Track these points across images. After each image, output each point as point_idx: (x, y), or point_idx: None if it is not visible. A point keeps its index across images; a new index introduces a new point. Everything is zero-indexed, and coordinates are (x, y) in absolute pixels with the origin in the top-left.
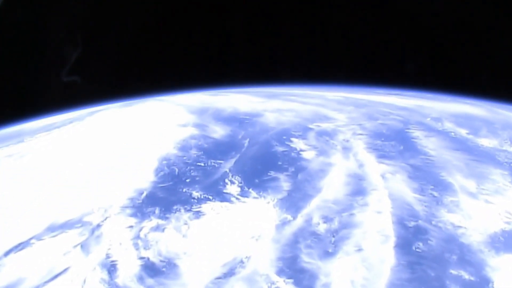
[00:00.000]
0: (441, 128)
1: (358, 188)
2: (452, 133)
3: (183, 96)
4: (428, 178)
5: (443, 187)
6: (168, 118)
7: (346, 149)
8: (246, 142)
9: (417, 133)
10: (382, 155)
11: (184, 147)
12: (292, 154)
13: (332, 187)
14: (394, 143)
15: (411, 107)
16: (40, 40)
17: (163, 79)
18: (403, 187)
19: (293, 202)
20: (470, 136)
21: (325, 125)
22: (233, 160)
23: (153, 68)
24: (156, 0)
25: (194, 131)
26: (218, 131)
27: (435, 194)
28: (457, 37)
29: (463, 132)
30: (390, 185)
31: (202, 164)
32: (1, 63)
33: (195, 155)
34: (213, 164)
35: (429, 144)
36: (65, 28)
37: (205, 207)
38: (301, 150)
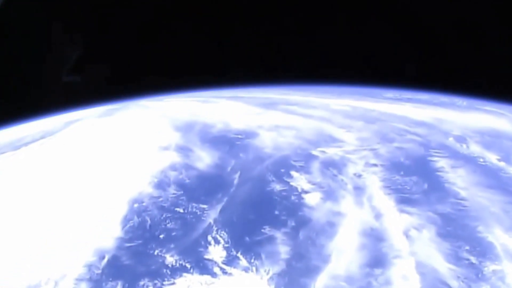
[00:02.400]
0: (467, 152)
1: (376, 255)
2: (481, 160)
3: (174, 100)
4: (462, 235)
5: (482, 248)
6: (149, 136)
7: (359, 190)
8: (236, 177)
9: (441, 162)
10: (403, 199)
11: (161, 183)
12: (292, 197)
13: (343, 254)
14: (416, 178)
15: (428, 121)
16: (40, 40)
17: (160, 79)
18: (432, 251)
19: (293, 279)
20: (502, 164)
21: (331, 151)
22: (219, 207)
23: (151, 68)
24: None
25: (176, 157)
26: (204, 158)
27: (473, 260)
28: (457, 36)
29: (493, 158)
30: (416, 249)
31: (181, 211)
32: (1, 63)
33: (173, 195)
34: (194, 210)
35: (458, 180)
36: (65, 28)
37: (180, 282)
38: (303, 192)
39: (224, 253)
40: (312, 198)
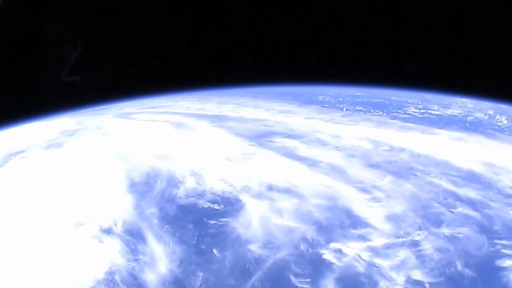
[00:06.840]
0: None
1: None
2: None
3: (143, 119)
4: None
5: None
6: (91, 202)
7: None
8: None
9: None
10: None
11: None
12: None
13: None
14: None
15: (477, 169)
16: (40, 40)
17: (157, 79)
18: None
19: None
20: None
21: (351, 249)
22: None
23: (149, 68)
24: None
25: (118, 254)
26: (159, 260)
27: None
28: (457, 36)
29: None
30: None
31: None
32: (1, 63)
33: None
34: None
35: None
36: (65, 28)
37: None
38: None
39: None
40: None
